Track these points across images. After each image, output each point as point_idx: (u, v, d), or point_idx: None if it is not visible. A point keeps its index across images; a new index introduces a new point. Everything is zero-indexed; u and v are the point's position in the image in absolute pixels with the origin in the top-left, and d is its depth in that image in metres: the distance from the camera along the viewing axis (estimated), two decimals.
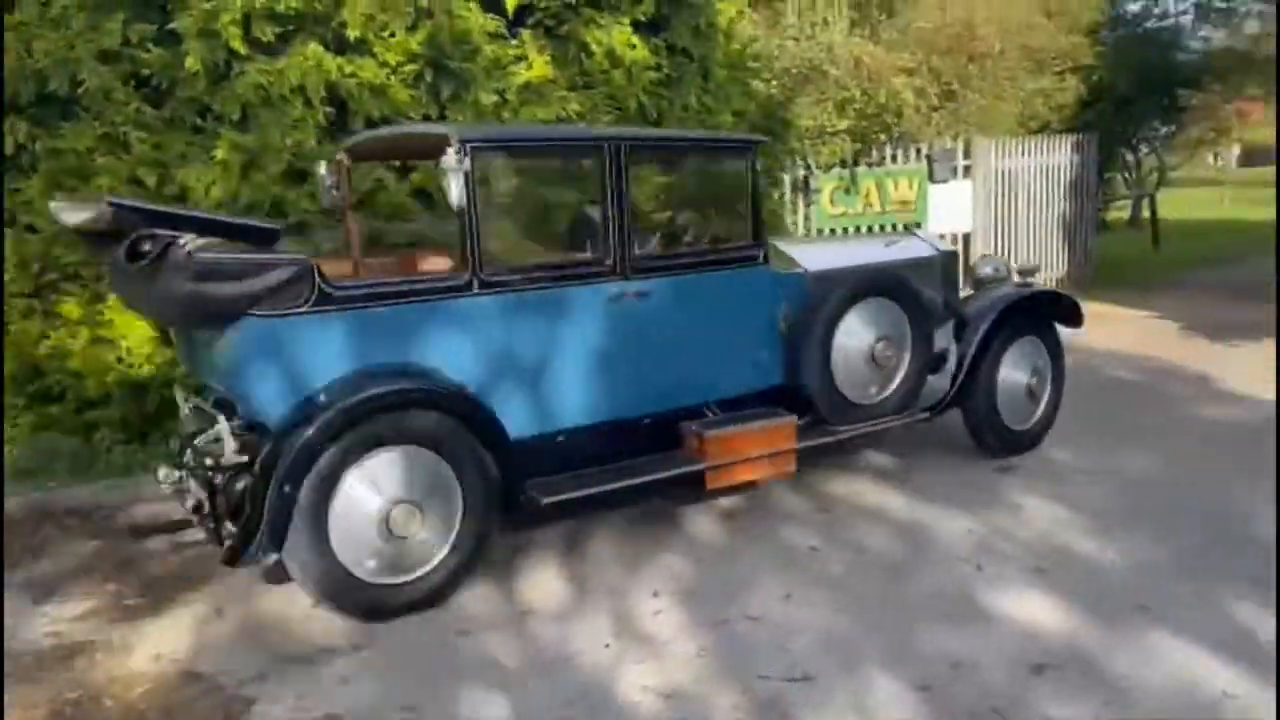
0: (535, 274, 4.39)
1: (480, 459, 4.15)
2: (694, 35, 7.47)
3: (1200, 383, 7.72)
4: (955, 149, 11.69)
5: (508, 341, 4.29)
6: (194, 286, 3.61)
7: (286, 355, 3.86)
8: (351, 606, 3.99)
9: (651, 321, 4.66)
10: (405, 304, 4.07)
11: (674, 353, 4.77)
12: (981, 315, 5.75)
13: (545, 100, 6.70)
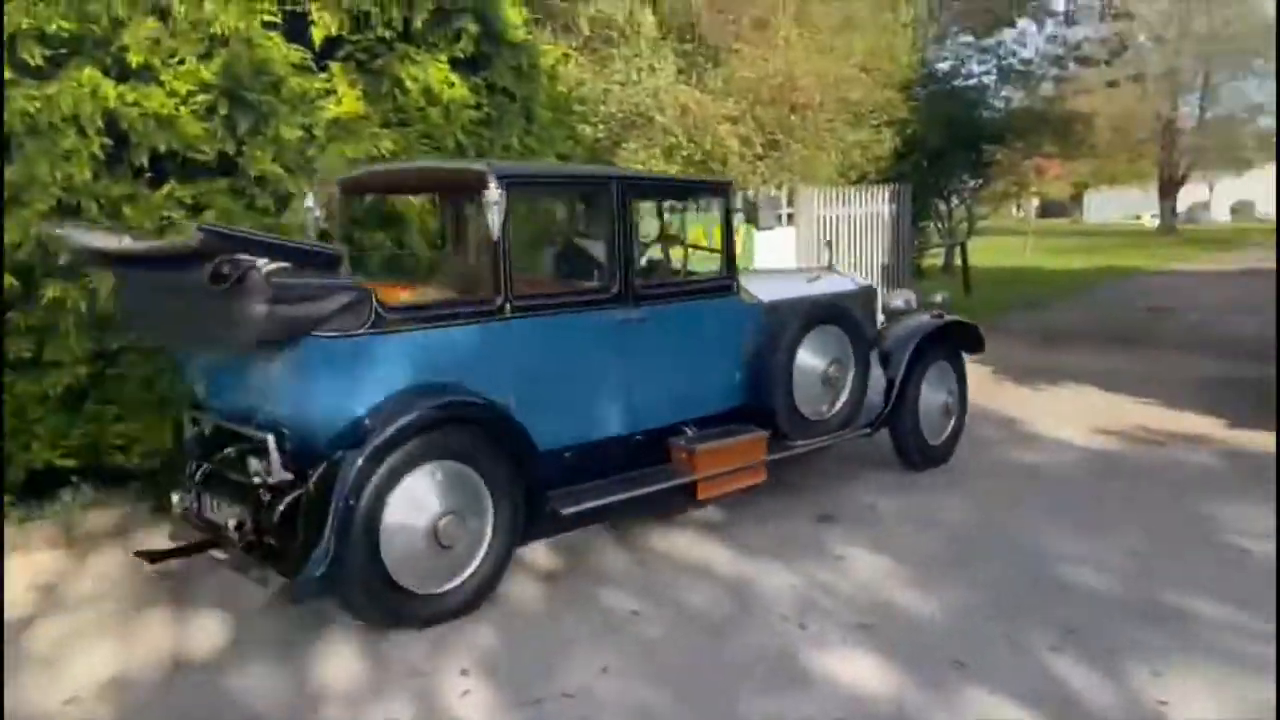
0: (555, 300, 4.82)
1: (510, 472, 4.44)
2: (516, 75, 7.27)
3: (1009, 426, 7.98)
4: (779, 197, 11.92)
5: (532, 361, 4.62)
6: (269, 309, 3.75)
7: (345, 374, 4.08)
8: (398, 617, 4.20)
9: (647, 345, 5.10)
10: (446, 326, 4.36)
11: (664, 374, 5.22)
12: (905, 341, 6.41)
13: (356, 137, 6.33)
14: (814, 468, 6.65)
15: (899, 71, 13.66)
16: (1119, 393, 9.19)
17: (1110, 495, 6.07)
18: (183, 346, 4.69)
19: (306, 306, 3.89)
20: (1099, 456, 7.02)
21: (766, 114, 10.58)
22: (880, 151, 13.23)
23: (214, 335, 4.07)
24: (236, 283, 3.67)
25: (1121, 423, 7.94)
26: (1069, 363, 10.85)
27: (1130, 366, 10.63)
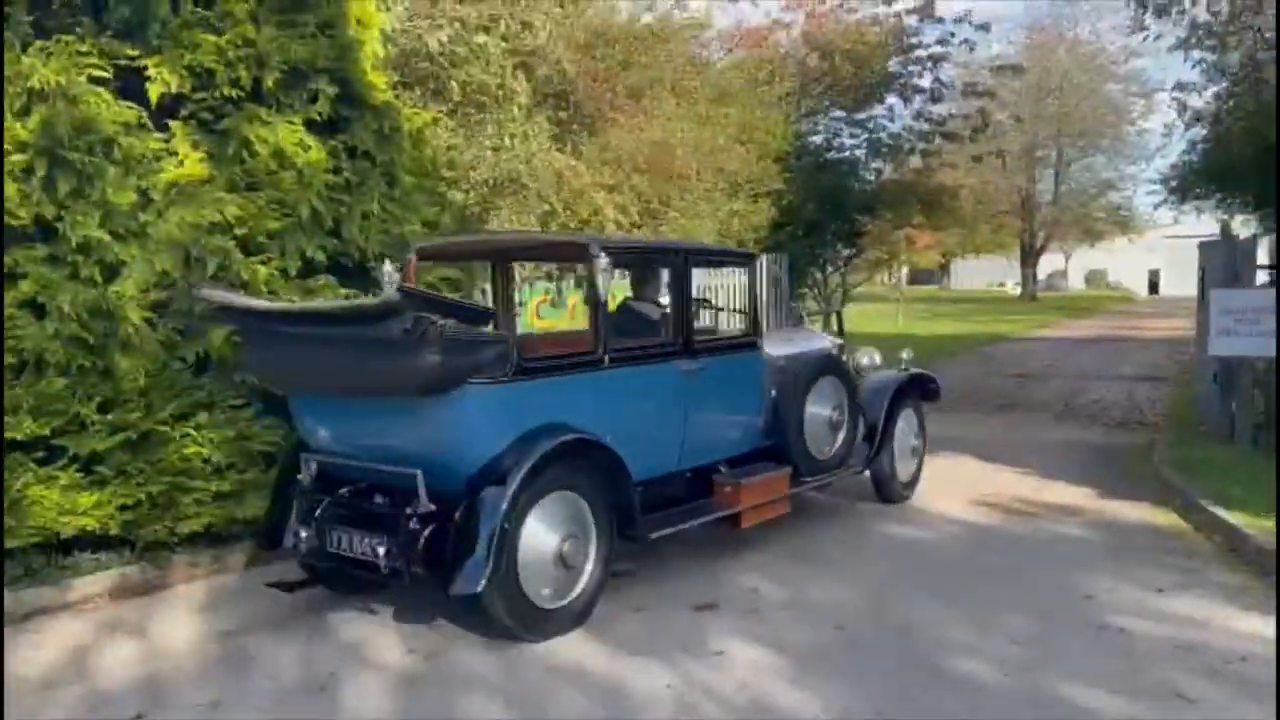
0: (637, 352, 5.57)
1: (609, 500, 5.15)
2: (377, 139, 6.90)
3: None
4: None
5: (622, 405, 5.37)
6: (441, 359, 4.38)
7: (491, 415, 4.73)
8: (529, 629, 4.82)
9: (700, 393, 5.88)
10: (563, 374, 5.10)
11: (710, 419, 6.04)
12: (882, 391, 7.41)
13: (197, 201, 5.84)
14: (694, 549, 6.35)
15: (774, 143, 13.83)
16: (995, 461, 9.23)
17: (993, 574, 5.94)
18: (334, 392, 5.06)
19: (468, 357, 4.55)
20: (980, 531, 6.92)
21: (643, 182, 10.46)
22: (758, 221, 13.30)
23: (384, 382, 4.60)
24: (419, 336, 4.27)
25: (999, 494, 7.92)
26: (946, 431, 10.91)
27: (1004, 434, 10.76)
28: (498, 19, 8.83)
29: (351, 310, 4.81)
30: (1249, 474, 7.79)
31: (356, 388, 4.83)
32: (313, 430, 5.31)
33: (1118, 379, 15.50)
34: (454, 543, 4.56)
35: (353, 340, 4.54)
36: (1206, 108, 15.35)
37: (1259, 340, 8.45)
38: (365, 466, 5.04)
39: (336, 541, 4.98)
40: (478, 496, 4.60)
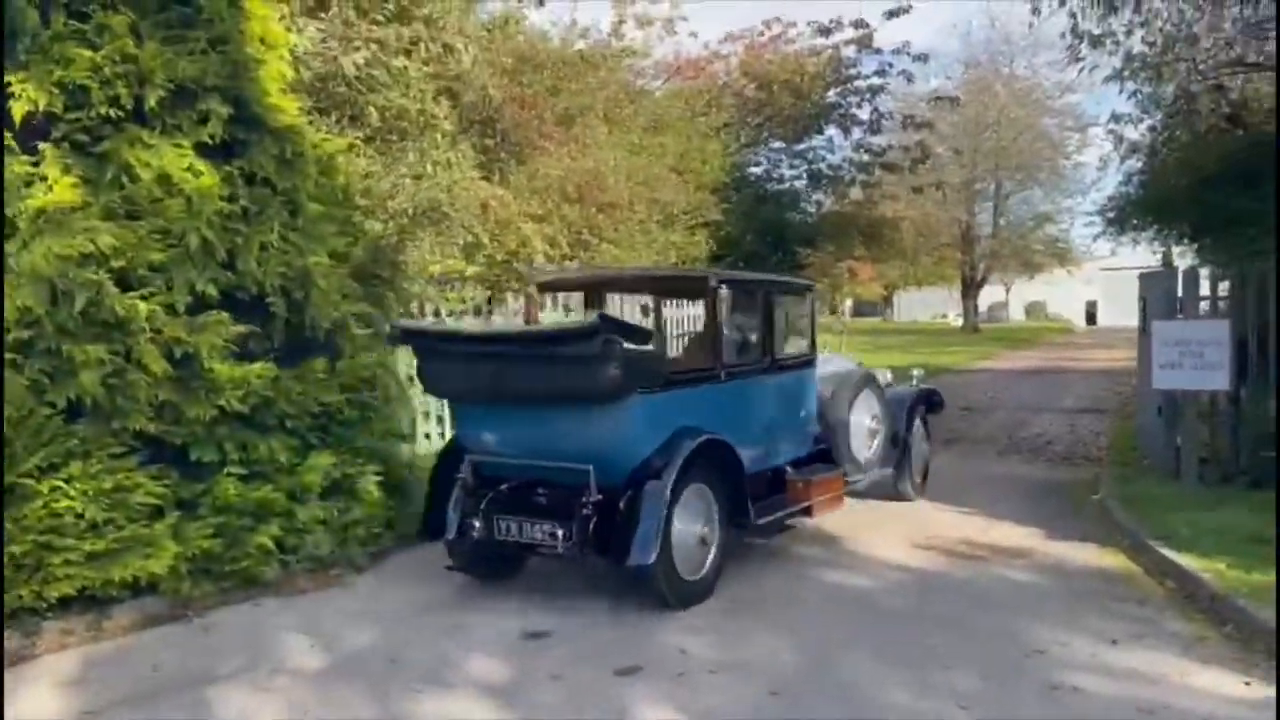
0: (741, 368, 6.67)
1: (728, 490, 6.13)
2: (279, 164, 6.43)
3: (832, 544, 7.46)
4: None
5: (733, 412, 6.43)
6: (621, 372, 5.34)
7: (650, 419, 5.69)
8: (678, 598, 5.72)
9: (779, 403, 7.11)
10: (694, 386, 6.17)
11: (784, 425, 7.21)
12: (902, 403, 8.60)
13: (66, 230, 5.30)
14: (618, 604, 5.89)
15: (712, 174, 13.55)
16: (939, 500, 8.89)
17: (939, 626, 5.55)
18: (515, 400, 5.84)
19: (638, 370, 5.52)
20: (924, 578, 6.54)
21: (573, 212, 10.07)
22: (696, 253, 12.97)
23: (574, 390, 5.52)
24: (608, 353, 5.29)
25: (944, 536, 7.56)
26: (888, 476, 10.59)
27: (948, 469, 10.46)
28: (418, 41, 8.40)
29: (554, 331, 6.17)
30: (1197, 513, 7.52)
31: (545, 395, 5.74)
32: (477, 435, 6.20)
33: (1060, 411, 15.37)
34: (624, 525, 5.50)
35: (547, 356, 5.61)
36: (1142, 140, 15.43)
37: (1205, 374, 8.23)
38: (527, 464, 5.98)
39: (505, 529, 5.89)
40: (642, 487, 5.56)
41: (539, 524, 5.74)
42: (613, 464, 5.61)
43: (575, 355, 5.40)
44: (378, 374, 7.35)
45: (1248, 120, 13.11)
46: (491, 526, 5.90)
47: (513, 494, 5.97)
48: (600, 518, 5.54)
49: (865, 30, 16.30)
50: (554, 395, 5.67)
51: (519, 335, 6.30)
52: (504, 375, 5.71)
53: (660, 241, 12.28)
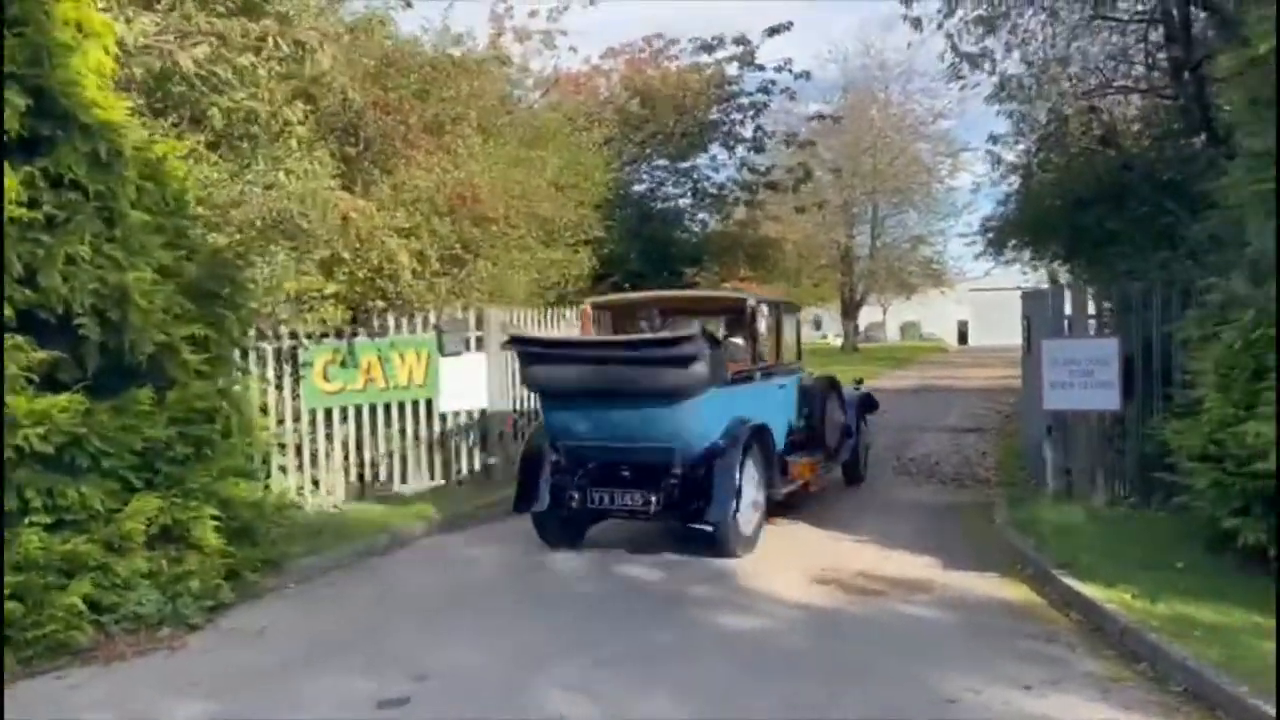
0: (766, 371, 8.64)
1: (765, 466, 7.90)
2: (91, 166, 5.58)
3: (724, 581, 6.95)
4: (466, 319, 10.67)
5: (764, 405, 8.21)
6: (706, 371, 7.10)
7: (718, 410, 7.45)
8: (739, 549, 7.39)
9: (784, 399, 9.02)
10: (740, 385, 7.98)
11: (785, 416, 8.95)
12: (851, 404, 10.45)
13: None
14: (493, 655, 5.23)
15: (594, 190, 13.01)
16: (832, 528, 8.51)
17: (841, 673, 5.07)
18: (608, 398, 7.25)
19: (714, 371, 7.11)
20: (823, 617, 6.08)
21: (445, 227, 9.38)
22: (578, 271, 12.39)
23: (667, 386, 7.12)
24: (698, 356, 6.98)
25: (840, 567, 7.14)
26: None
27: (838, 494, 10.13)
28: (267, 37, 7.62)
29: (656, 338, 7.85)
30: (1094, 536, 7.32)
31: (641, 391, 7.14)
32: (566, 426, 7.58)
33: (944, 430, 15.34)
34: (703, 491, 7.18)
35: (645, 359, 7.15)
36: (1019, 160, 15.62)
37: (1095, 393, 8.08)
38: (612, 446, 7.43)
39: (598, 499, 7.46)
40: (714, 462, 7.21)
41: (629, 493, 7.36)
42: (691, 445, 7.29)
43: (672, 358, 7.08)
44: (217, 404, 6.53)
45: (1119, 142, 13.33)
46: (586, 497, 7.50)
47: (601, 471, 7.58)
48: (682, 487, 7.29)
49: (747, 47, 16.12)
50: (649, 390, 7.17)
51: (624, 341, 7.93)
52: (606, 374, 7.21)
53: (541, 259, 11.67)
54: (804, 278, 37.47)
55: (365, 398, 9.96)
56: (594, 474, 7.58)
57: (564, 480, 7.55)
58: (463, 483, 10.59)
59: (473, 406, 10.80)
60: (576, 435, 7.56)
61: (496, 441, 10.96)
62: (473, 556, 7.95)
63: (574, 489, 7.48)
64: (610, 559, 7.65)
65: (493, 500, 9.81)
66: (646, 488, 7.28)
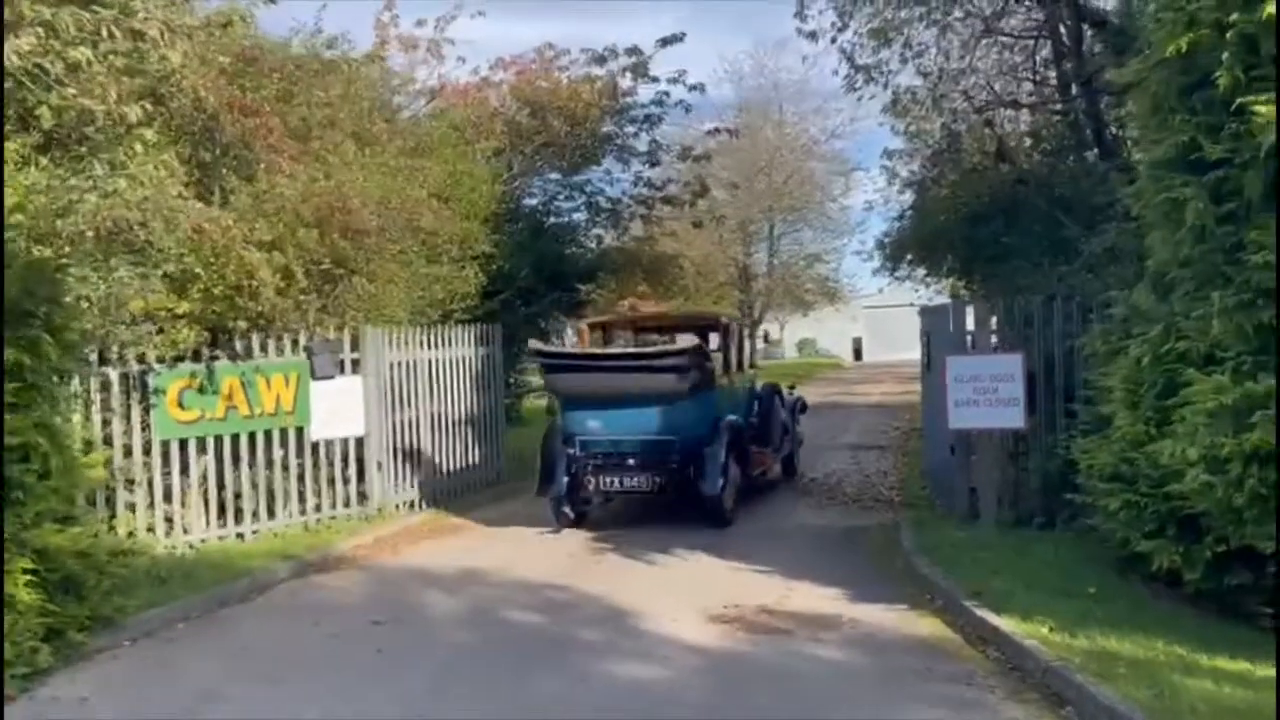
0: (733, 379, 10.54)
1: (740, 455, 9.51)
2: None
3: (615, 622, 6.38)
4: (340, 340, 9.89)
5: (738, 404, 10.37)
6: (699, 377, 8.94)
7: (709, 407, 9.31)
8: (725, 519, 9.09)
9: (747, 401, 11.01)
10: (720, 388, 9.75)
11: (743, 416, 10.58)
12: (790, 406, 12.17)
13: None
14: None
15: (482, 203, 12.34)
16: (730, 556, 8.03)
17: None
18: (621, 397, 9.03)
19: (702, 376, 8.99)
20: (724, 662, 5.56)
21: (312, 240, 8.61)
22: (465, 288, 11.68)
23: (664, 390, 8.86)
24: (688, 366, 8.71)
25: (740, 602, 6.64)
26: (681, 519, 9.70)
27: (740, 523, 9.68)
28: (100, 24, 6.79)
29: (657, 351, 9.28)
30: (1003, 561, 7.00)
31: (645, 394, 8.85)
32: (583, 424, 9.19)
33: (843, 448, 15.08)
34: (699, 472, 8.83)
35: (647, 368, 8.85)
36: (914, 175, 15.55)
37: (1001, 410, 7.80)
38: (620, 439, 9.08)
39: (609, 483, 9.11)
40: (704, 450, 8.88)
41: (635, 477, 9.03)
42: (687, 437, 8.94)
43: (672, 366, 8.80)
44: (33, 441, 5.68)
45: (1013, 156, 13.32)
46: (598, 482, 9.13)
47: (610, 460, 9.12)
48: (679, 471, 8.94)
49: (640, 58, 15.71)
50: (654, 393, 8.87)
51: (632, 353, 9.69)
52: (613, 381, 8.97)
53: (424, 275, 10.94)
54: (703, 295, 37.32)
55: (226, 427, 9.08)
56: (604, 462, 9.17)
57: (579, 468, 9.16)
58: (337, 517, 9.79)
59: (349, 434, 10.01)
60: (589, 431, 9.25)
61: (375, 472, 10.20)
62: (341, 603, 7.20)
63: (588, 475, 9.14)
64: (494, 601, 7.02)
65: (367, 540, 9.06)
66: (650, 472, 9.00)
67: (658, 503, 9.49)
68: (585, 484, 9.16)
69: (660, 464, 8.96)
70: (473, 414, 12.00)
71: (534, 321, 15.72)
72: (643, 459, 9.03)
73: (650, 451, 9.03)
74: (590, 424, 9.15)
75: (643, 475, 8.93)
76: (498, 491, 11.82)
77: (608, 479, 9.09)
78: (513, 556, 8.43)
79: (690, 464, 8.94)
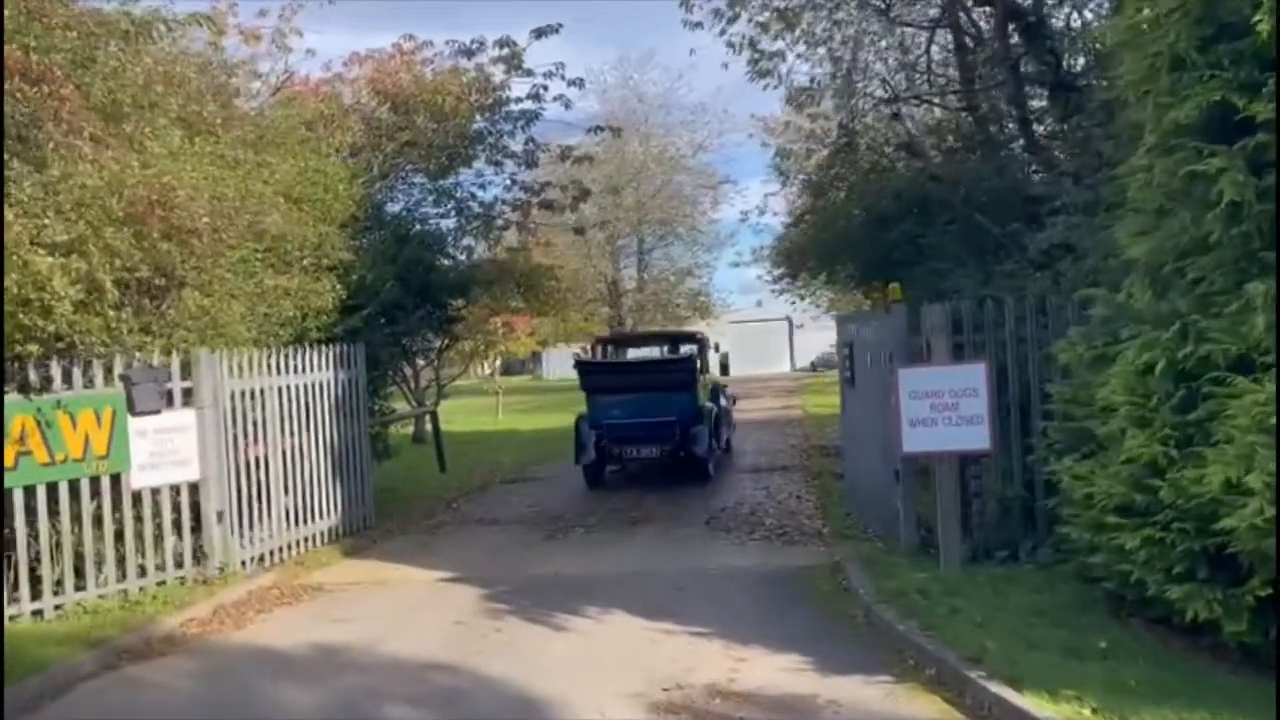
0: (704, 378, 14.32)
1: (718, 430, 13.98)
2: None
3: (526, 709, 4.97)
4: (166, 367, 8.14)
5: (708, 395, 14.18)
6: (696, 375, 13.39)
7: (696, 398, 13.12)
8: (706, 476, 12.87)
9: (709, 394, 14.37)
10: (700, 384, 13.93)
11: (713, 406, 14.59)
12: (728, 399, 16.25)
13: None
14: None
15: (338, 205, 10.69)
16: (659, 615, 6.69)
17: None
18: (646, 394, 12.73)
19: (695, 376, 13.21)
20: None
21: (125, 242, 6.88)
22: (321, 302, 9.99)
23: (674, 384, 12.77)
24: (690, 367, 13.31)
25: (685, 682, 5.32)
26: (587, 566, 8.32)
27: (653, 561, 8.42)
28: None
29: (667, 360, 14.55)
30: (984, 611, 5.92)
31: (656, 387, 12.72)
32: (609, 411, 12.78)
33: (746, 472, 13.97)
34: (693, 441, 12.44)
35: (660, 369, 13.76)
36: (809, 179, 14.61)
37: (963, 430, 6.75)
38: (635, 422, 12.64)
39: (629, 453, 12.87)
40: (693, 428, 12.55)
41: (647, 447, 12.66)
42: (684, 418, 12.55)
43: (677, 368, 13.15)
44: None
45: (924, 151, 12.52)
46: (621, 452, 12.86)
47: (628, 435, 12.71)
48: (678, 441, 12.50)
49: (513, 48, 14.30)
50: (663, 387, 12.69)
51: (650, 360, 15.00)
52: (635, 379, 13.30)
53: (271, 288, 9.24)
54: (573, 311, 36.01)
55: (18, 478, 7.22)
56: (625, 437, 12.75)
57: (606, 443, 12.73)
58: (167, 582, 8.00)
59: (180, 479, 8.25)
60: (614, 416, 12.81)
61: (215, 523, 8.44)
62: (160, 703, 5.54)
63: (613, 447, 12.78)
64: (364, 694, 5.49)
65: (204, 611, 7.34)
66: (658, 443, 12.63)
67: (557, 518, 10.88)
68: (611, 454, 12.88)
69: (665, 438, 12.61)
70: (334, 448, 10.31)
71: (399, 341, 14.07)
72: (652, 434, 12.62)
73: (658, 429, 12.59)
74: (614, 411, 12.81)
75: (652, 446, 12.70)
76: (365, 539, 10.18)
77: (627, 450, 12.89)
78: (388, 625, 6.88)
79: (685, 437, 12.62)
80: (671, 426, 12.53)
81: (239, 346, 8.95)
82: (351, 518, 10.56)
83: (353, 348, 10.92)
